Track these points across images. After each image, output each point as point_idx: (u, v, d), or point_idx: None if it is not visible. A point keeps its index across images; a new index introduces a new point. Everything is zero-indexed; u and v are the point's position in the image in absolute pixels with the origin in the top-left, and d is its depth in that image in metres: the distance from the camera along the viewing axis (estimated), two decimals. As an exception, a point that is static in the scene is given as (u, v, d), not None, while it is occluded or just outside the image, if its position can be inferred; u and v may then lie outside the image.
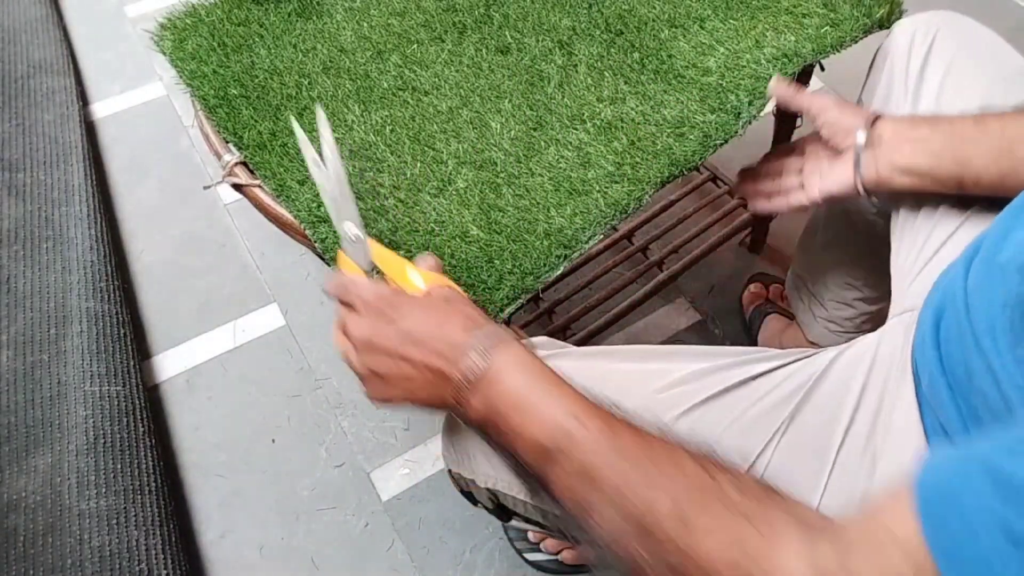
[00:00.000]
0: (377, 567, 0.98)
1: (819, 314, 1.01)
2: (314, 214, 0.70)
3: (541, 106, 0.76)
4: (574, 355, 0.65)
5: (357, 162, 0.73)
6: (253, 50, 0.84)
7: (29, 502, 0.94)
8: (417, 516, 1.02)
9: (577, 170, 0.71)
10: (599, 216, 0.68)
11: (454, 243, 0.67)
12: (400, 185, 0.71)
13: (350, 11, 0.88)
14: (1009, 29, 1.34)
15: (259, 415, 1.11)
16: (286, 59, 0.82)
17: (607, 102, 0.76)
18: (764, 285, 1.20)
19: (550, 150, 0.72)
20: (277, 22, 0.87)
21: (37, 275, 1.18)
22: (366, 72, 0.81)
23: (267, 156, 0.74)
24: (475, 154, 0.73)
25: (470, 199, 0.69)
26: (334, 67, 0.81)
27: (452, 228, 0.68)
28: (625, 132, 0.73)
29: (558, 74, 0.79)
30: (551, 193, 0.69)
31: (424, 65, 0.81)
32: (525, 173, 0.71)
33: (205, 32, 0.85)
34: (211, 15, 0.87)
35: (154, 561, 0.90)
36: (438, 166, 0.72)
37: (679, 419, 0.58)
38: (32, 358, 1.08)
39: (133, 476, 0.97)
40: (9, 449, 0.99)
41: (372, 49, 0.83)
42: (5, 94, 1.50)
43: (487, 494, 0.65)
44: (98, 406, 1.02)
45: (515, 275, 0.65)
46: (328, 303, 1.22)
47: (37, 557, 0.89)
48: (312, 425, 1.10)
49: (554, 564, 0.96)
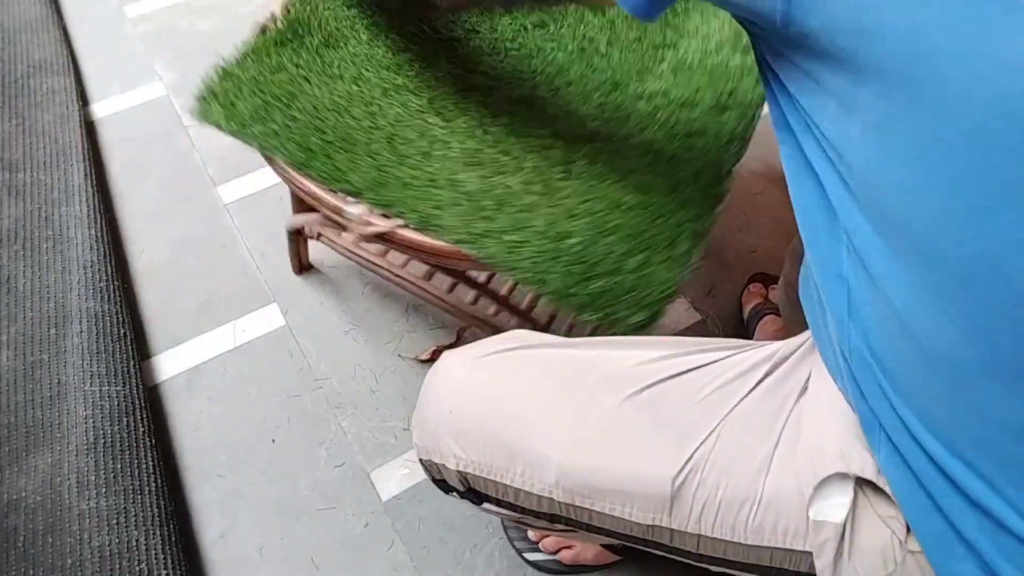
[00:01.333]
0: (377, 567, 0.98)
1: None
2: (470, 232, 0.69)
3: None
4: (551, 343, 0.68)
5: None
6: (305, 91, 0.81)
7: (29, 502, 0.94)
8: (417, 516, 1.02)
9: None
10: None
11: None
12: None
13: (370, 28, 0.87)
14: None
15: (259, 415, 1.11)
16: (342, 91, 0.80)
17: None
18: (764, 285, 1.20)
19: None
20: (310, 59, 0.84)
21: (37, 275, 1.18)
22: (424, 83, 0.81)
23: (390, 193, 0.71)
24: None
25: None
26: (390, 87, 0.80)
27: None
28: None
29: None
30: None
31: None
32: None
33: (248, 91, 0.81)
34: (246, 71, 0.83)
35: (154, 561, 0.90)
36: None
37: (641, 392, 0.61)
38: (32, 358, 1.08)
39: (133, 476, 0.97)
40: (9, 449, 0.99)
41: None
42: (5, 94, 1.50)
43: (458, 477, 0.66)
44: (98, 406, 1.02)
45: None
46: (328, 302, 1.23)
47: (37, 557, 0.89)
48: (312, 425, 1.10)
49: (554, 564, 0.96)
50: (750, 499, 0.56)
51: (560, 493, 0.61)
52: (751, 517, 0.56)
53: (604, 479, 0.60)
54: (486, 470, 0.64)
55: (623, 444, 0.60)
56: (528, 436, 0.62)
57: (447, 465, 0.66)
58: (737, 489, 0.57)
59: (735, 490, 0.57)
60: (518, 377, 0.65)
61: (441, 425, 0.65)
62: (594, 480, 0.60)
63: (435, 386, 0.67)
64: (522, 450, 0.62)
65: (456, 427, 0.64)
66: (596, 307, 0.68)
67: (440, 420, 0.65)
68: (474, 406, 0.64)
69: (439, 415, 0.66)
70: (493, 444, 0.63)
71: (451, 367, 0.67)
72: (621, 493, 0.59)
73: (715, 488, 0.57)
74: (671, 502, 0.58)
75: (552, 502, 0.62)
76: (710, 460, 0.57)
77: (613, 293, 0.67)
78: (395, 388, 1.14)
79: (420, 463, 0.70)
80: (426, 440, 0.67)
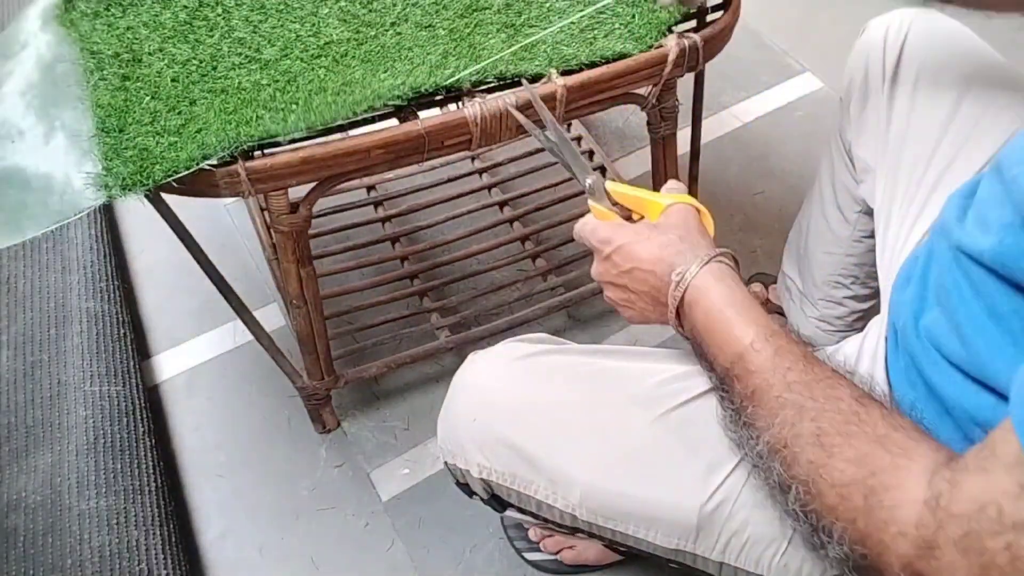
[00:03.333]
0: (377, 567, 0.98)
1: (810, 314, 1.01)
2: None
3: None
4: (573, 351, 0.67)
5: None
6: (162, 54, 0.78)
7: (29, 502, 0.94)
8: (417, 516, 1.02)
9: None
10: None
11: None
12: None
13: None
14: (1012, 29, 1.34)
15: (259, 415, 1.11)
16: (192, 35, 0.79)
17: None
18: (764, 285, 1.20)
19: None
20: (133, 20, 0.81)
21: (37, 275, 1.18)
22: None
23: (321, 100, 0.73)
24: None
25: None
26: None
27: None
28: None
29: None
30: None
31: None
32: None
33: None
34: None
35: (154, 561, 0.90)
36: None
37: (670, 413, 0.60)
38: (32, 358, 1.08)
39: (133, 476, 0.97)
40: (9, 449, 0.99)
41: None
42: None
43: (482, 484, 0.65)
44: (98, 406, 1.02)
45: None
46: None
47: (37, 557, 0.89)
48: (312, 425, 1.10)
49: (554, 564, 0.96)
50: (779, 539, 0.55)
51: (584, 512, 0.60)
52: (777, 556, 0.55)
53: (630, 504, 0.59)
54: (509, 480, 0.63)
55: (650, 469, 0.59)
56: (553, 453, 0.61)
57: (471, 471, 0.65)
58: (767, 526, 0.55)
59: (765, 527, 0.55)
60: (543, 389, 0.64)
61: (465, 433, 0.64)
62: (619, 504, 0.59)
63: (460, 391, 0.66)
64: (546, 467, 0.61)
65: (480, 436, 0.63)
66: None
67: (464, 427, 0.64)
68: (498, 417, 0.63)
69: (463, 422, 0.65)
70: (517, 457, 0.62)
71: (476, 373, 0.66)
72: (646, 519, 0.59)
73: (744, 523, 0.56)
74: (697, 532, 0.57)
75: (575, 518, 0.61)
76: (742, 493, 0.56)
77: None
78: (395, 388, 1.14)
79: (445, 465, 0.69)
80: (450, 444, 0.66)
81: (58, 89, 0.76)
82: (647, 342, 1.18)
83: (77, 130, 0.73)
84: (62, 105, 0.75)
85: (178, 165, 0.68)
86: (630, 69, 0.77)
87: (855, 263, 0.93)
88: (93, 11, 0.81)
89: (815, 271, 0.97)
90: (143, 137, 0.71)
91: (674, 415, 0.59)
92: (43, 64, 0.78)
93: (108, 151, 0.69)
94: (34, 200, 0.70)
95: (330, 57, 0.78)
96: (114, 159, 0.69)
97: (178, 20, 0.81)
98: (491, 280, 1.18)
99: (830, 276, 0.96)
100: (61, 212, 0.69)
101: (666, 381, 0.61)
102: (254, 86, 0.75)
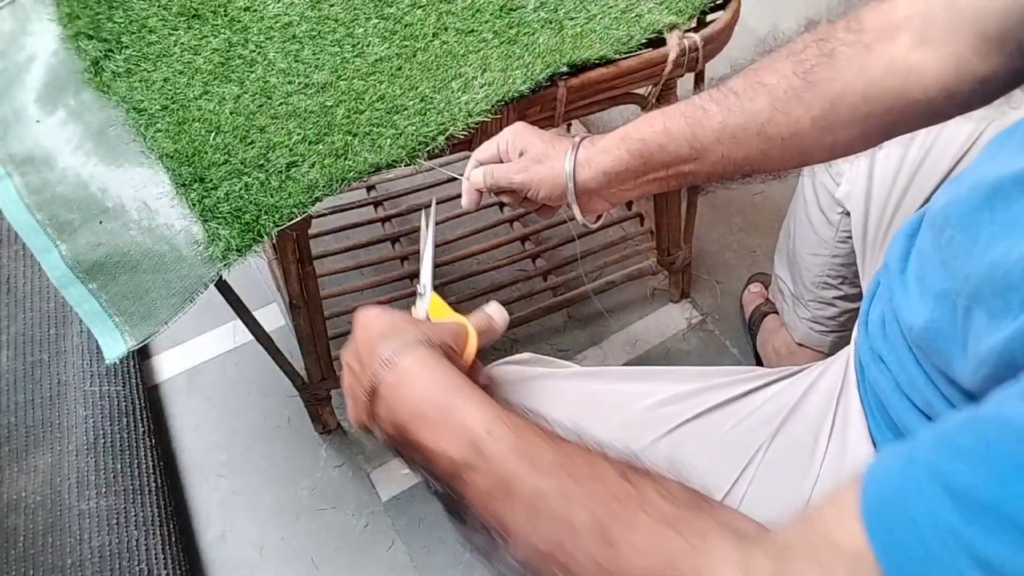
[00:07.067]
0: (377, 567, 0.98)
1: (802, 315, 1.01)
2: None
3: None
4: (559, 375, 0.64)
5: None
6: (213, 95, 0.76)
7: (29, 502, 0.94)
8: (417, 516, 1.02)
9: None
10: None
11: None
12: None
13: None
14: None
15: (259, 415, 1.11)
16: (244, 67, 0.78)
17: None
18: (764, 285, 1.20)
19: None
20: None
21: (37, 275, 1.18)
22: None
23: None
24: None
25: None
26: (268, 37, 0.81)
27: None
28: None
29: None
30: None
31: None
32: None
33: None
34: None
35: (154, 561, 0.90)
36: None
37: (660, 440, 0.58)
38: (32, 358, 1.08)
39: (133, 476, 0.97)
40: (9, 449, 0.99)
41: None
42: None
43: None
44: (98, 406, 1.02)
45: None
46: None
47: (37, 557, 0.90)
48: (312, 425, 1.10)
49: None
50: None
51: None
52: None
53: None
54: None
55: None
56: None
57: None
58: None
59: None
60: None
61: None
62: None
63: None
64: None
65: None
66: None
67: None
68: None
69: None
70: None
71: None
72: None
73: None
74: None
75: None
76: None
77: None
78: (395, 388, 1.14)
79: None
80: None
81: (118, 153, 0.73)
82: (647, 342, 1.18)
83: (156, 193, 0.70)
84: (128, 168, 0.72)
85: (283, 214, 0.67)
86: (630, 69, 0.78)
87: (841, 263, 0.92)
88: (124, 70, 0.78)
89: (804, 273, 0.97)
90: (228, 182, 0.69)
91: (663, 442, 0.57)
92: (92, 132, 0.75)
93: (204, 212, 0.67)
94: (152, 282, 0.67)
95: (386, 73, 0.77)
96: (210, 220, 0.67)
97: (213, 63, 0.78)
98: (491, 280, 1.17)
99: (818, 277, 0.96)
100: (187, 289, 0.65)
101: (656, 405, 0.59)
102: (321, 108, 0.74)
